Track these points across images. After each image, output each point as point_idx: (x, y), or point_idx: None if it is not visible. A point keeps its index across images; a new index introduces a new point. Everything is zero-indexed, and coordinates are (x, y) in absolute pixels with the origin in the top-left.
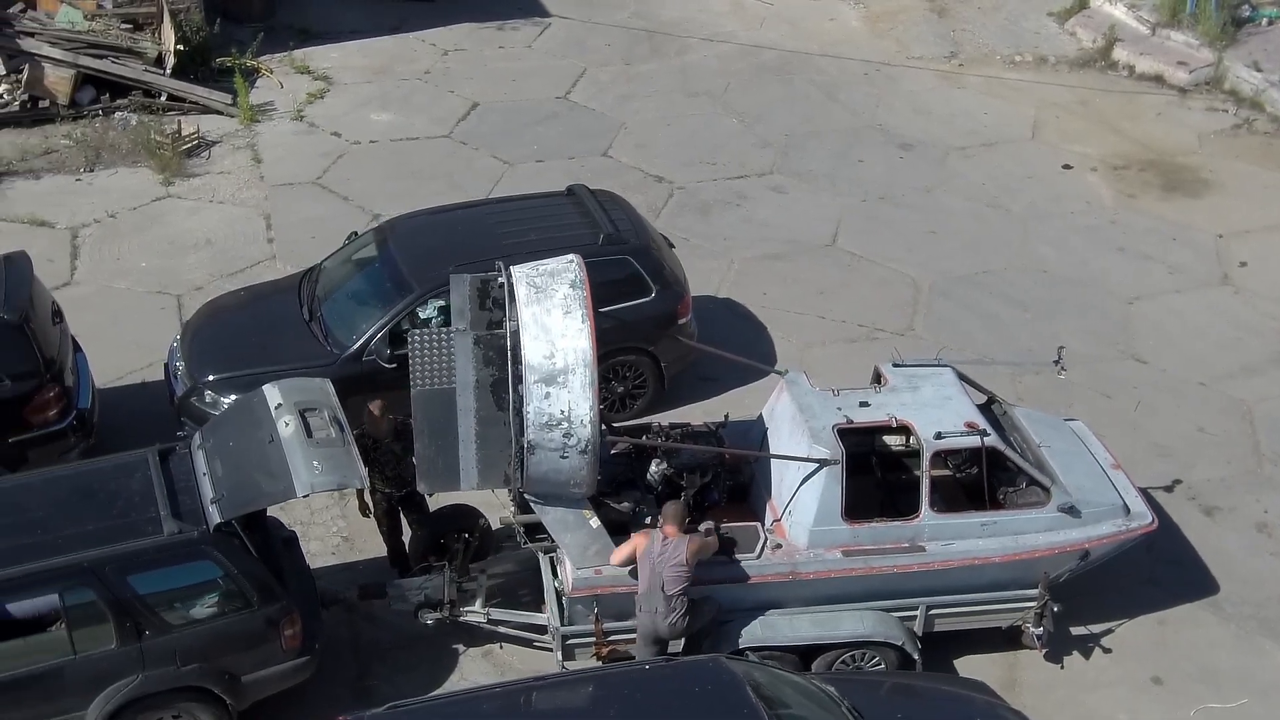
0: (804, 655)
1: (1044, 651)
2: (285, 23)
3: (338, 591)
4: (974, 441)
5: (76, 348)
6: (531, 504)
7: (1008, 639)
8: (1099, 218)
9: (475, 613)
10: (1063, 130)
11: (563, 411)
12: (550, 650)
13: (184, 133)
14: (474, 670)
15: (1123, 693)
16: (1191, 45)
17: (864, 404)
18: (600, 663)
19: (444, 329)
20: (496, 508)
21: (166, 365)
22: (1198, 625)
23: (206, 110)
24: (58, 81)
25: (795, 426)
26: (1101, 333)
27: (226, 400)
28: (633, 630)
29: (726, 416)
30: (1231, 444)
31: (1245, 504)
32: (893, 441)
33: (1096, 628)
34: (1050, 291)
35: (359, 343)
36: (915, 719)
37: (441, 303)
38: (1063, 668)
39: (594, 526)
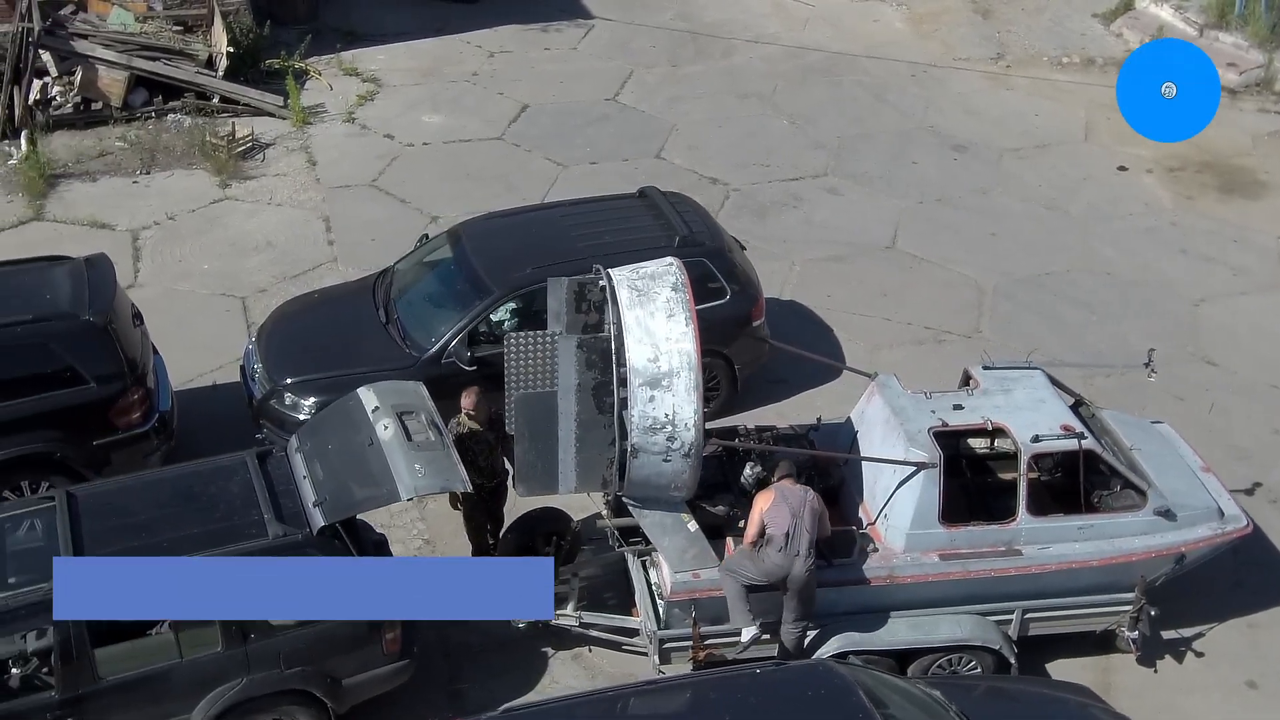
0: (900, 659)
1: (1138, 655)
2: (330, 25)
3: None
4: (1071, 444)
5: (154, 350)
6: (630, 507)
7: (1098, 643)
8: (1158, 219)
9: (567, 616)
10: (1115, 132)
11: (667, 415)
12: (641, 654)
13: (238, 135)
14: (565, 674)
15: (1218, 697)
16: (1240, 46)
17: (958, 407)
18: (695, 666)
19: (541, 333)
20: (575, 509)
21: (243, 367)
22: None
23: (259, 112)
24: (111, 84)
25: (889, 429)
26: (1169, 335)
27: (306, 403)
28: (730, 634)
29: (819, 419)
30: None
31: None
32: (977, 444)
33: (1187, 631)
34: (1114, 293)
35: (438, 345)
36: None
37: (513, 305)
38: (1156, 672)
39: (692, 530)
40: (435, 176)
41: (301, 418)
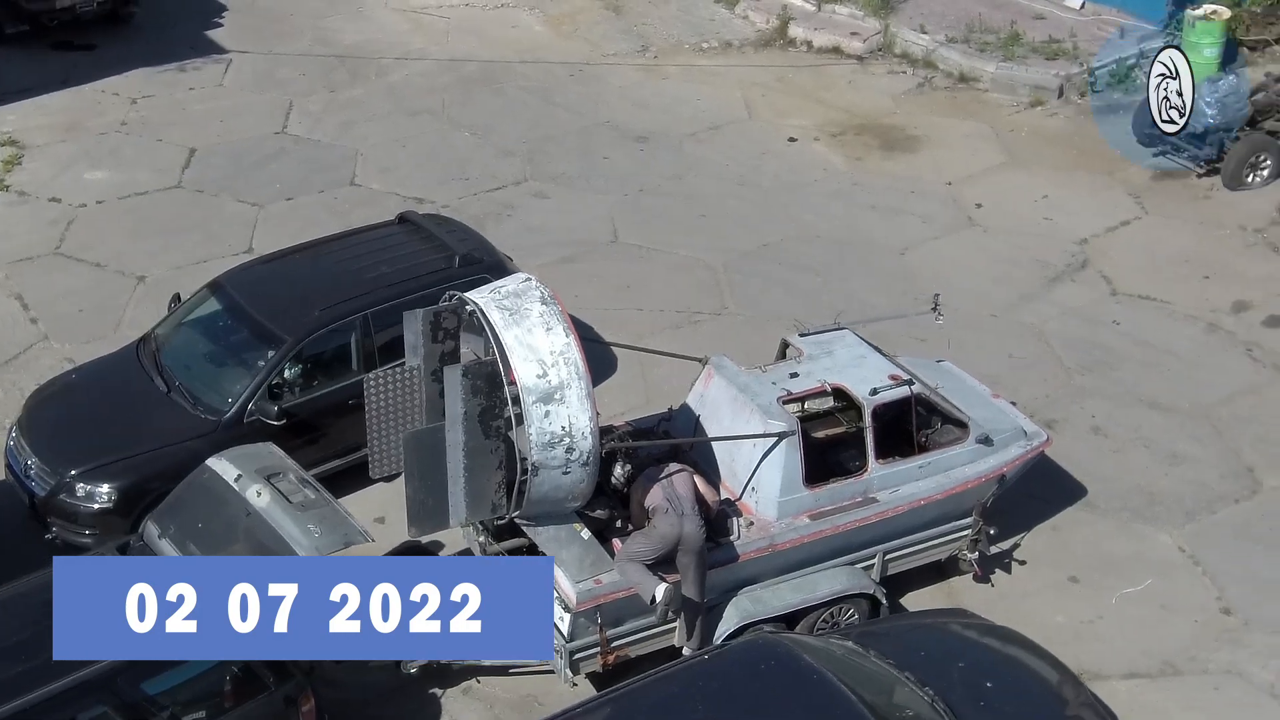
0: (788, 621)
1: (977, 575)
2: None
3: None
4: (904, 392)
5: None
6: (523, 527)
7: (939, 571)
8: (840, 182)
9: None
10: (773, 107)
11: (564, 427)
12: (532, 673)
13: None
14: (462, 710)
15: (1051, 596)
16: (857, 16)
17: (794, 375)
18: (603, 670)
19: (397, 366)
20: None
21: (10, 467)
22: (1083, 525)
23: None
24: None
25: (739, 406)
26: (889, 285)
27: (102, 490)
28: (633, 632)
29: (671, 408)
30: (1040, 364)
31: (1074, 414)
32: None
33: (1005, 544)
34: (829, 255)
35: (237, 404)
36: (935, 654)
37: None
38: (993, 586)
39: (585, 538)
40: (124, 234)
41: (98, 507)
